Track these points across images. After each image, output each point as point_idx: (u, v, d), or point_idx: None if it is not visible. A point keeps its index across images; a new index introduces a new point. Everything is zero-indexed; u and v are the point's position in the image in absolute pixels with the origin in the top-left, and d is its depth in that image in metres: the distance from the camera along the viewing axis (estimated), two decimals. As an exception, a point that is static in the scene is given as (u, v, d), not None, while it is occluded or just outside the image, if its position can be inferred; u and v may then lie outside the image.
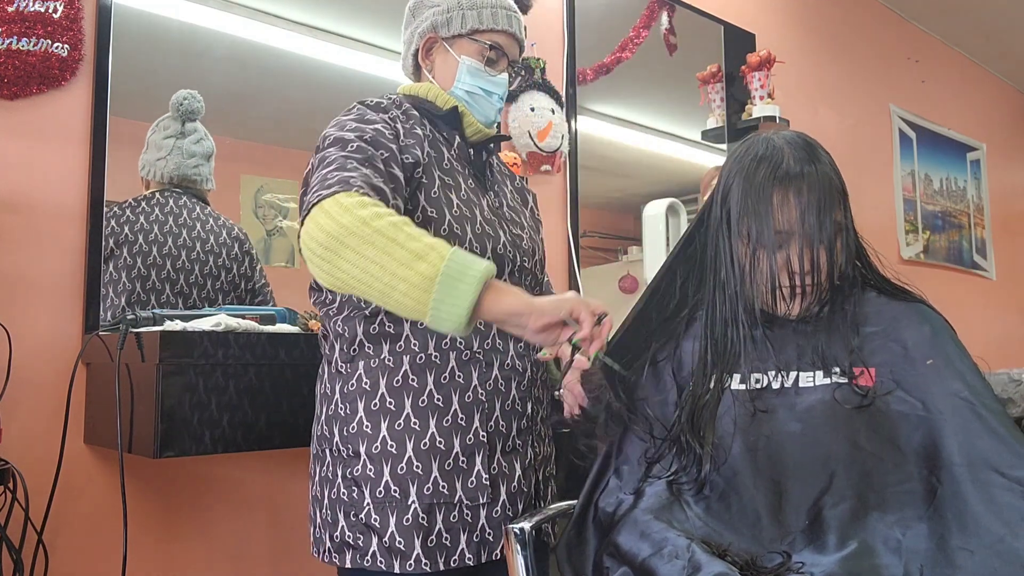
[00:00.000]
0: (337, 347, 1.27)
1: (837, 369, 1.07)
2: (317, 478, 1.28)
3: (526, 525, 1.17)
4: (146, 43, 1.86)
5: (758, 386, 1.09)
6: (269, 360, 1.50)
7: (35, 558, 1.53)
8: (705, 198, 3.40)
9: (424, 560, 1.16)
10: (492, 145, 1.40)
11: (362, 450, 1.20)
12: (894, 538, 0.94)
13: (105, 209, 1.70)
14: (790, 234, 1.09)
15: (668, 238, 2.39)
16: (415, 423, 1.20)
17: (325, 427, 1.27)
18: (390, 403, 1.21)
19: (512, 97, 2.58)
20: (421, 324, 1.17)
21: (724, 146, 3.24)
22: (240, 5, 2.00)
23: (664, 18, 3.09)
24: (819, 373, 1.08)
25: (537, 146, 2.58)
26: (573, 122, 2.72)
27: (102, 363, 1.60)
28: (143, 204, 1.79)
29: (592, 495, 1.15)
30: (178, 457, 1.45)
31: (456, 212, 1.25)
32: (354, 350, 1.24)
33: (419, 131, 1.28)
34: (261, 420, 1.49)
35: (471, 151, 1.36)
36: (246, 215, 2.04)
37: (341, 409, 1.24)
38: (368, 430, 1.21)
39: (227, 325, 1.48)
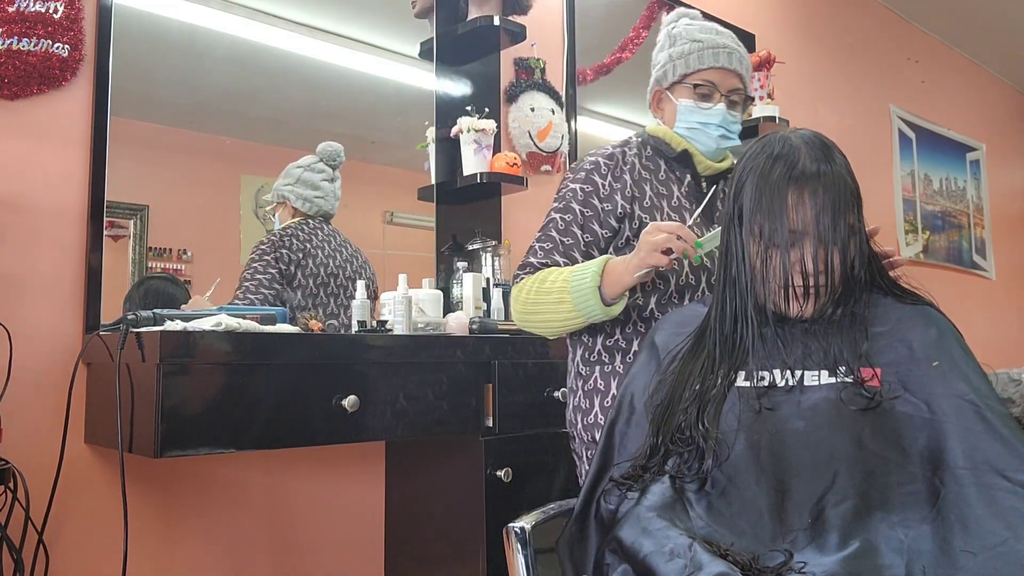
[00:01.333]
0: (580, 352, 1.51)
1: (843, 368, 1.06)
2: (574, 455, 1.54)
3: (526, 525, 1.17)
4: (146, 43, 1.86)
5: (763, 384, 1.09)
6: (269, 360, 1.51)
7: (35, 558, 1.53)
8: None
9: None
10: (724, 178, 1.56)
11: (599, 438, 1.37)
12: (896, 538, 0.94)
13: (264, 237, 1.95)
14: (803, 234, 1.09)
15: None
16: None
17: (573, 416, 1.52)
18: None
19: (512, 98, 2.58)
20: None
21: (724, 146, 3.23)
22: (240, 5, 2.00)
23: (664, 18, 3.09)
24: (824, 372, 1.07)
25: (537, 146, 2.58)
26: (573, 122, 2.72)
27: (103, 363, 1.60)
28: (302, 231, 2.06)
29: (594, 491, 1.15)
30: (179, 457, 1.46)
31: None
32: (593, 357, 1.48)
33: (650, 176, 1.50)
34: (261, 420, 1.49)
35: (704, 185, 1.53)
36: (246, 215, 2.04)
37: (583, 403, 1.49)
38: (603, 423, 1.36)
39: (227, 325, 1.48)
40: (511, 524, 1.18)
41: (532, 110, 2.58)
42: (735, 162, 1.53)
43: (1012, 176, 5.79)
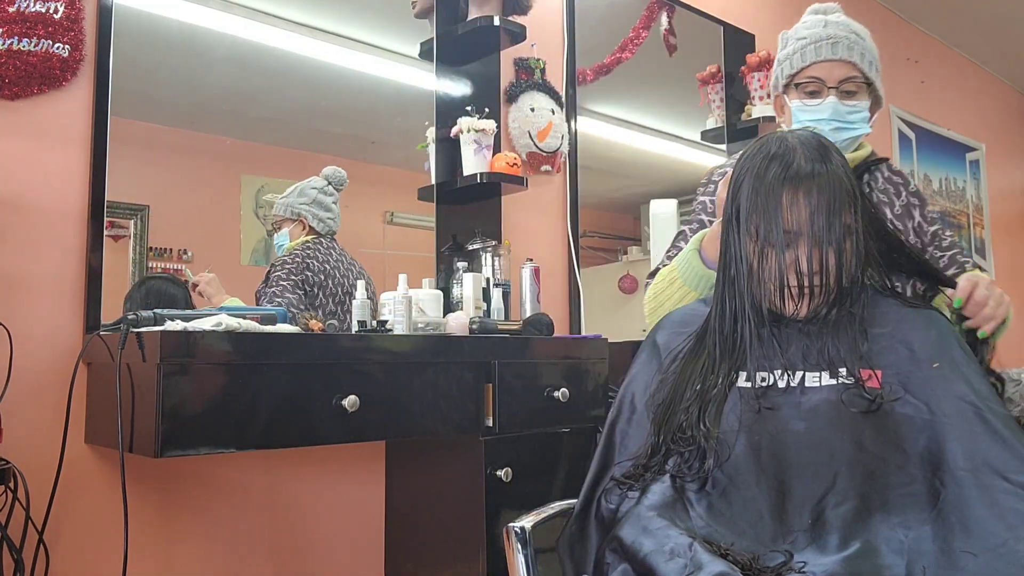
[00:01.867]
0: None
1: (843, 370, 1.06)
2: None
3: (526, 525, 1.17)
4: (146, 43, 1.86)
5: (763, 384, 1.09)
6: (269, 360, 1.50)
7: (36, 558, 1.54)
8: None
9: None
10: (868, 169, 1.58)
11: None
12: (897, 539, 0.94)
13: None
14: (799, 234, 1.09)
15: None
16: None
17: None
18: None
19: (512, 98, 2.58)
20: None
21: (724, 146, 3.24)
22: (240, 5, 2.00)
23: (664, 19, 3.09)
24: (825, 374, 1.07)
25: (537, 146, 2.58)
26: (573, 122, 2.72)
27: (103, 363, 1.60)
28: (319, 250, 2.10)
29: (594, 491, 1.15)
30: (179, 457, 1.46)
31: None
32: None
33: None
34: (261, 420, 1.49)
35: None
36: (246, 215, 2.04)
37: None
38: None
39: (227, 325, 1.48)
40: (511, 524, 1.18)
41: (532, 110, 2.58)
42: (872, 151, 1.59)
43: (1012, 176, 5.79)
